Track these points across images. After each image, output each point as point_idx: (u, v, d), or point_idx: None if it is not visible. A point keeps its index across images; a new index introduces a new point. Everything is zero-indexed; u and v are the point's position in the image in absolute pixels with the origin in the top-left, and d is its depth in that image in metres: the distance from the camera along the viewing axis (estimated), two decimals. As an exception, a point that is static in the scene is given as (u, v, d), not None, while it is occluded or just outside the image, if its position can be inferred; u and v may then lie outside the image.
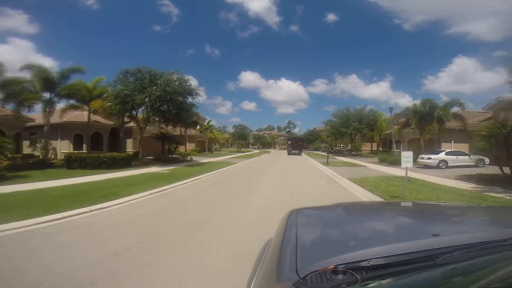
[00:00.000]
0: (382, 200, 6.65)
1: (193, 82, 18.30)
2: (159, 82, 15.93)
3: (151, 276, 2.88)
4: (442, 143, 21.62)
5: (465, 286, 0.67)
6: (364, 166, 17.94)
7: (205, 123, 39.74)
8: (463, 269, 0.76)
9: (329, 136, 43.35)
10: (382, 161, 20.39)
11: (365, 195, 7.77)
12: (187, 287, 2.65)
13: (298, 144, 42.12)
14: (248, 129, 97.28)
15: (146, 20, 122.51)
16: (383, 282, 0.69)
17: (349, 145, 44.07)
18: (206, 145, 39.15)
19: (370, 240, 1.15)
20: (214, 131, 42.51)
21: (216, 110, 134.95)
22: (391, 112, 23.27)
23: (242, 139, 61.40)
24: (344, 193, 8.29)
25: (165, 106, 16.01)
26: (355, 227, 1.42)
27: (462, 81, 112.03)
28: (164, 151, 20.79)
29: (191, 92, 17.86)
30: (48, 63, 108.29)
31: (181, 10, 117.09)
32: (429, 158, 16.39)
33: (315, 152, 48.74)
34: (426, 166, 16.17)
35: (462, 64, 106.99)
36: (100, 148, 20.21)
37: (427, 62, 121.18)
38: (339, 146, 49.21)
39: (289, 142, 44.05)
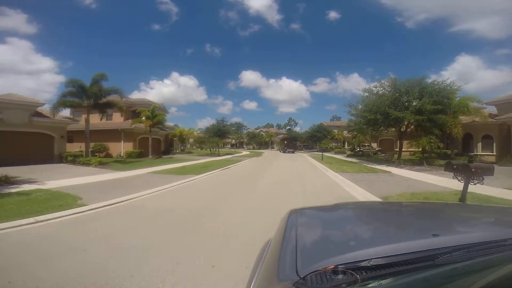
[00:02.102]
0: (382, 200, 6.66)
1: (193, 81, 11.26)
2: None
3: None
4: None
5: (465, 286, 0.68)
6: None
7: (149, 110, 23.19)
8: (463, 269, 0.76)
9: (356, 129, 23.77)
10: None
11: None
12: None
13: (292, 143, 47.38)
14: (237, 124, 79.30)
15: (146, 19, 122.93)
16: (383, 282, 0.70)
17: (375, 144, 32.88)
18: (149, 145, 23.64)
19: (370, 240, 1.16)
20: (165, 122, 27.15)
21: (217, 109, 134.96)
22: None
23: (219, 137, 42.19)
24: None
25: None
26: (355, 227, 1.42)
27: (465, 79, 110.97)
28: None
29: None
30: (48, 63, 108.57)
31: (180, 8, 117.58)
32: None
33: (327, 154, 29.47)
34: None
35: (465, 62, 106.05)
36: None
37: (430, 60, 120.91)
38: (364, 146, 32.83)
39: (285, 142, 49.09)
